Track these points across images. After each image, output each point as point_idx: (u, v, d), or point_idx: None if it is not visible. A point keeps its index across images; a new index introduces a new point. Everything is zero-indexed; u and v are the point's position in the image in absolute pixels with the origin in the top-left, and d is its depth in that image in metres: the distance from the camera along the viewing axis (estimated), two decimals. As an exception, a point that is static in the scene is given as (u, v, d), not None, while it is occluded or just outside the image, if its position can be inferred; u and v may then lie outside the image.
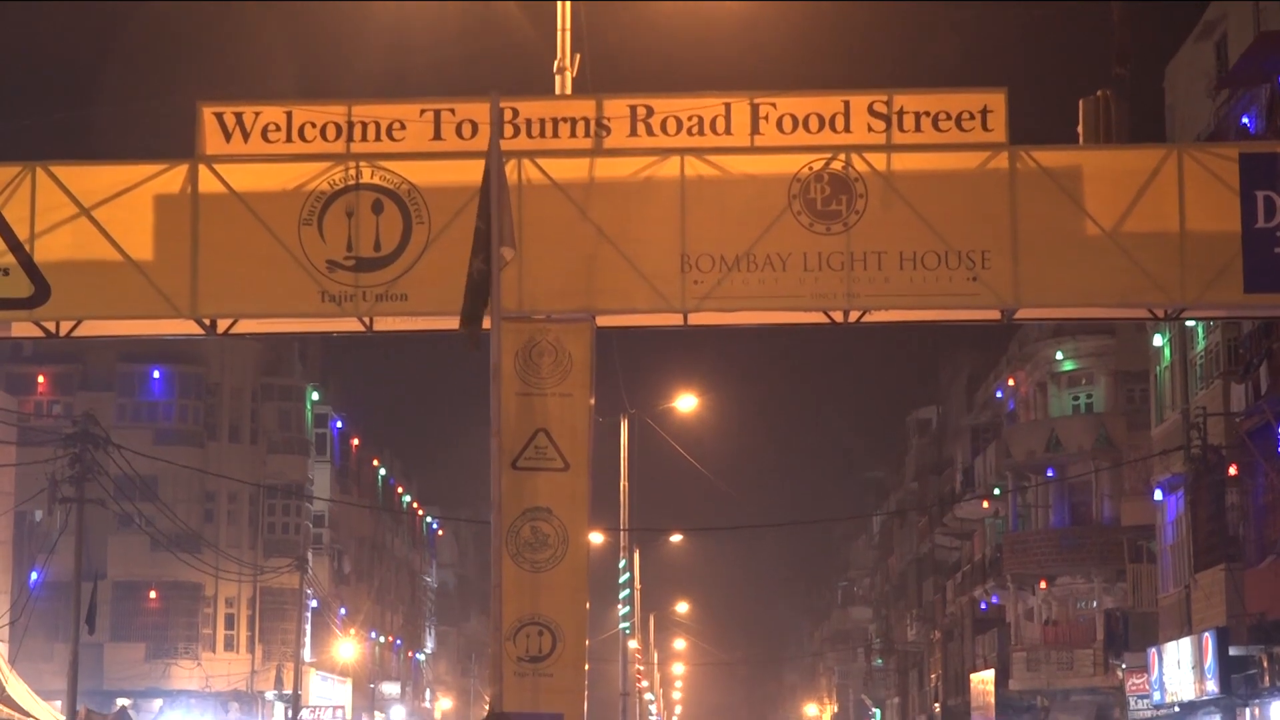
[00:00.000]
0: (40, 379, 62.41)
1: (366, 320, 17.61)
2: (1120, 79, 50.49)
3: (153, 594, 64.14)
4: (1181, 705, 49.71)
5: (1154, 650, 52.11)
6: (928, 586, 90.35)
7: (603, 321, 17.49)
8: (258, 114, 17.63)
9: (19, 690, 49.61)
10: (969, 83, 17.76)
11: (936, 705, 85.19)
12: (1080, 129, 40.87)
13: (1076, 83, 49.71)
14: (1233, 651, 44.73)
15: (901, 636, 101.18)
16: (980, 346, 71.26)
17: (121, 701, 55.53)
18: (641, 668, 69.84)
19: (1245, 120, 42.29)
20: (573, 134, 17.59)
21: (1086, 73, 51.02)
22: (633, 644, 58.86)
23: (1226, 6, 46.12)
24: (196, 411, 66.42)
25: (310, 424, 71.51)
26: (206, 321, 17.83)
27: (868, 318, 17.72)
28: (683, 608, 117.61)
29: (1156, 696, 51.99)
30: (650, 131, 17.56)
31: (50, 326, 18.00)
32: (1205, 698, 47.11)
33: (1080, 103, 45.17)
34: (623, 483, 45.83)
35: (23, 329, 18.46)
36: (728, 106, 17.55)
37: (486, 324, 15.54)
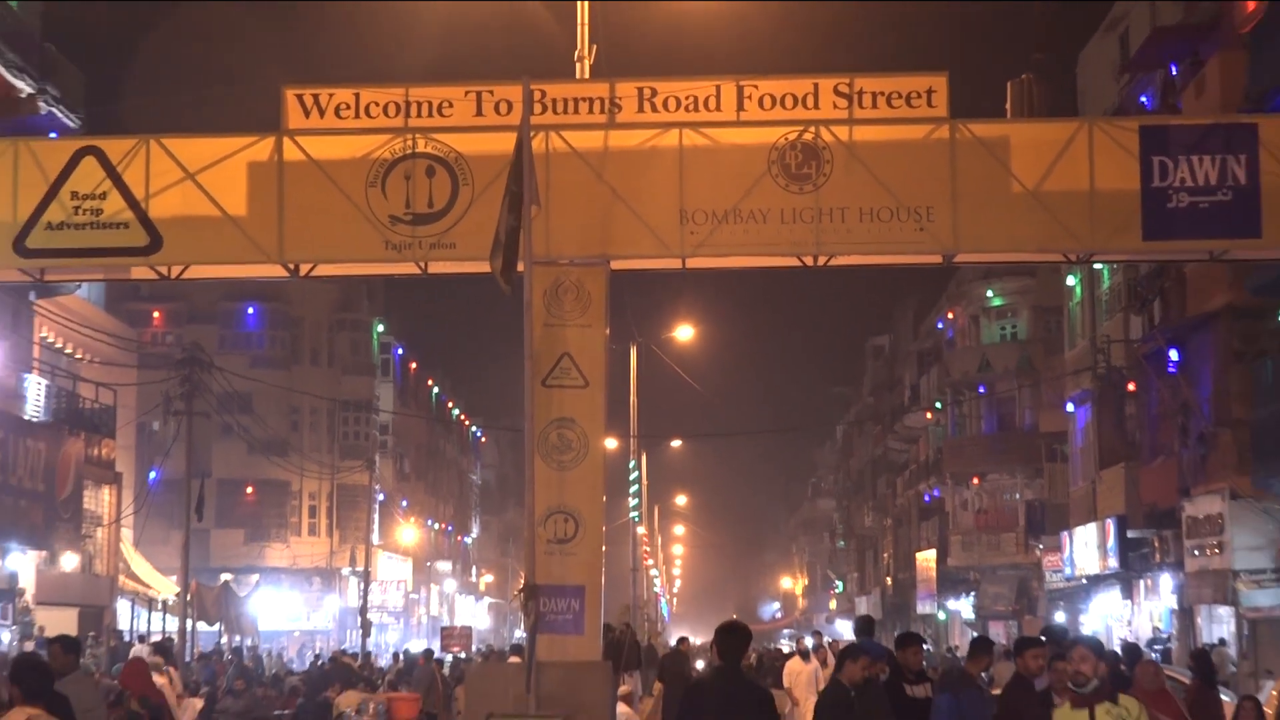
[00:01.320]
0: (155, 314, 62.52)
1: (422, 265, 17.57)
2: (1040, 64, 50.24)
3: (249, 490, 64.50)
4: (1088, 578, 49.84)
5: (1065, 534, 52.23)
6: (881, 483, 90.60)
7: (616, 265, 17.45)
8: (331, 95, 17.60)
9: (142, 567, 49.94)
10: (917, 68, 17.74)
11: (888, 579, 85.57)
12: (1008, 105, 40.64)
13: (1005, 68, 49.49)
14: (1130, 534, 44.85)
15: (860, 523, 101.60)
16: (925, 286, 71.21)
17: (225, 576, 55.66)
18: (647, 549, 69.74)
19: (1143, 99, 42.37)
20: (590, 111, 17.57)
21: (1013, 60, 50.91)
22: (640, 529, 58.78)
23: (1129, 5, 46.16)
24: (283, 341, 66.72)
25: (376, 350, 71.73)
26: (290, 266, 17.79)
27: (833, 262, 17.67)
28: (681, 500, 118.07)
29: (1067, 571, 52.14)
30: (654, 108, 17.52)
31: (163, 271, 17.95)
32: (1107, 572, 47.24)
33: (1008, 84, 44.97)
34: (632, 398, 45.79)
35: (140, 273, 18.44)
36: (718, 88, 17.52)
37: (520, 268, 15.58)
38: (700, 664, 34.68)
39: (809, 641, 29.97)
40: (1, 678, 15.50)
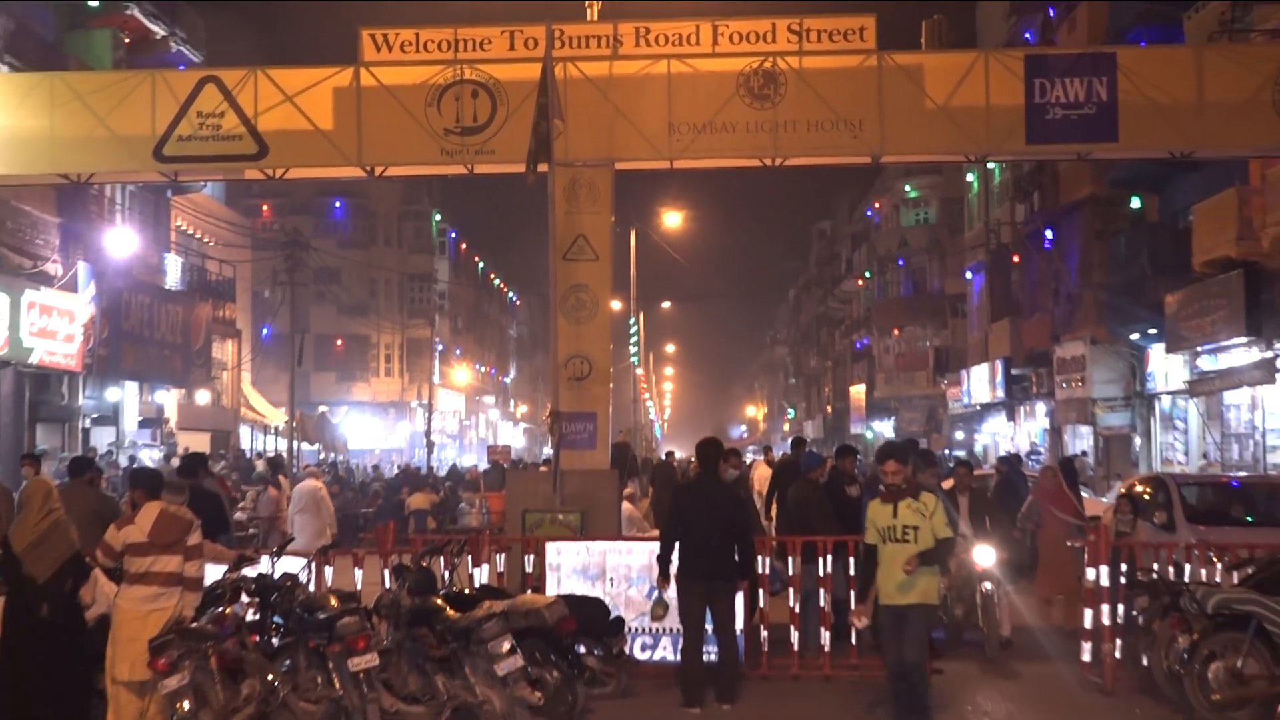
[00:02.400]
0: (264, 207, 62.20)
1: (469, 167, 17.49)
2: (949, 9, 49.30)
3: (339, 342, 64.67)
4: (981, 405, 50.26)
5: (964, 371, 52.50)
6: (823, 334, 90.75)
7: (619, 166, 17.35)
8: (397, 34, 17.44)
9: (258, 401, 50.31)
10: (852, 11, 17.49)
11: (828, 407, 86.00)
12: (923, 40, 39.84)
13: (922, 10, 48.85)
14: (1013, 372, 45.25)
15: (807, 365, 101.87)
16: (858, 181, 70.79)
17: (321, 408, 55.87)
18: (644, 385, 70.14)
19: (1027, 35, 42.23)
20: (598, 46, 17.39)
21: (929, 4, 50.35)
22: (638, 371, 59.02)
23: (1017, -39, 45.75)
24: (362, 227, 66.69)
25: (434, 234, 71.51)
26: (367, 168, 17.70)
27: (787, 163, 17.57)
28: (670, 348, 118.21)
29: (965, 400, 52.53)
30: (648, 44, 17.34)
31: (269, 172, 17.90)
32: (996, 401, 47.60)
33: (923, 24, 44.01)
34: (632, 269, 45.71)
35: (251, 174, 18.37)
36: (697, 27, 17.33)
37: (543, 168, 15.56)
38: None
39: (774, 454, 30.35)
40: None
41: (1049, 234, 40.60)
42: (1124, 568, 13.38)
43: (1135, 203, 35.11)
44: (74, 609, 10.44)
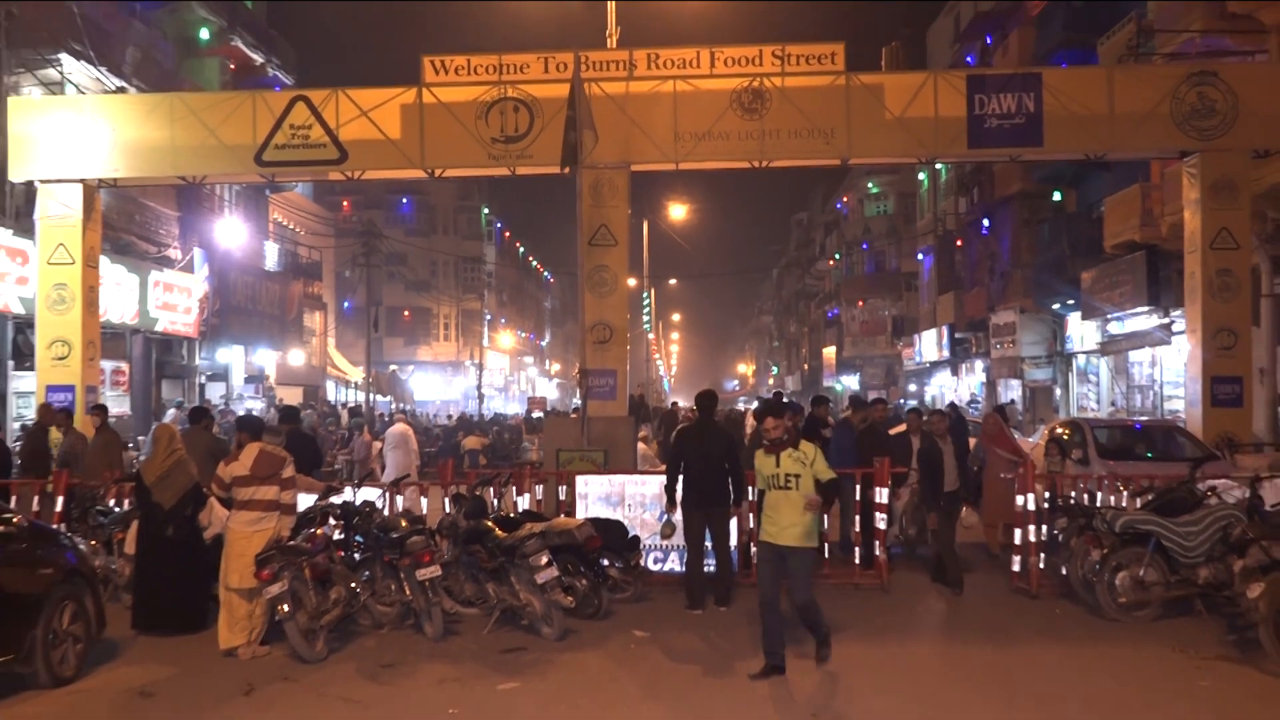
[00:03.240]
0: (344, 202, 62.07)
1: (512, 169, 17.42)
2: (905, 37, 49.10)
3: (406, 313, 64.64)
4: (930, 363, 49.91)
5: (916, 335, 52.30)
6: (801, 305, 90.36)
7: (634, 168, 17.29)
8: (451, 60, 17.33)
9: (341, 361, 50.30)
10: (826, 39, 17.34)
11: (805, 365, 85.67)
12: (883, 63, 39.40)
13: (881, 38, 48.59)
14: (956, 336, 44.89)
15: (788, 331, 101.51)
16: (829, 180, 70.40)
17: (392, 367, 56.07)
18: (655, 348, 70.13)
19: (969, 59, 41.71)
20: (616, 69, 17.28)
21: (888, 33, 49.97)
22: (650, 335, 58.99)
23: (959, 3, 45.46)
24: (424, 219, 66.51)
25: (483, 224, 71.29)
26: (429, 170, 17.66)
27: (771, 165, 17.47)
28: (676, 317, 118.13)
29: (917, 359, 52.29)
30: (657, 67, 17.23)
31: (348, 174, 17.85)
32: (942, 359, 47.37)
33: (883, 49, 43.52)
34: (644, 253, 45.66)
35: (334, 176, 18.36)
36: (698, 53, 17.21)
37: (569, 169, 15.49)
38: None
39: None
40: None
41: (986, 222, 40.48)
42: (1047, 495, 13.40)
43: (1057, 196, 34.96)
44: (194, 530, 10.52)
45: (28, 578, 8.78)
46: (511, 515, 12.00)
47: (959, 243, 44.74)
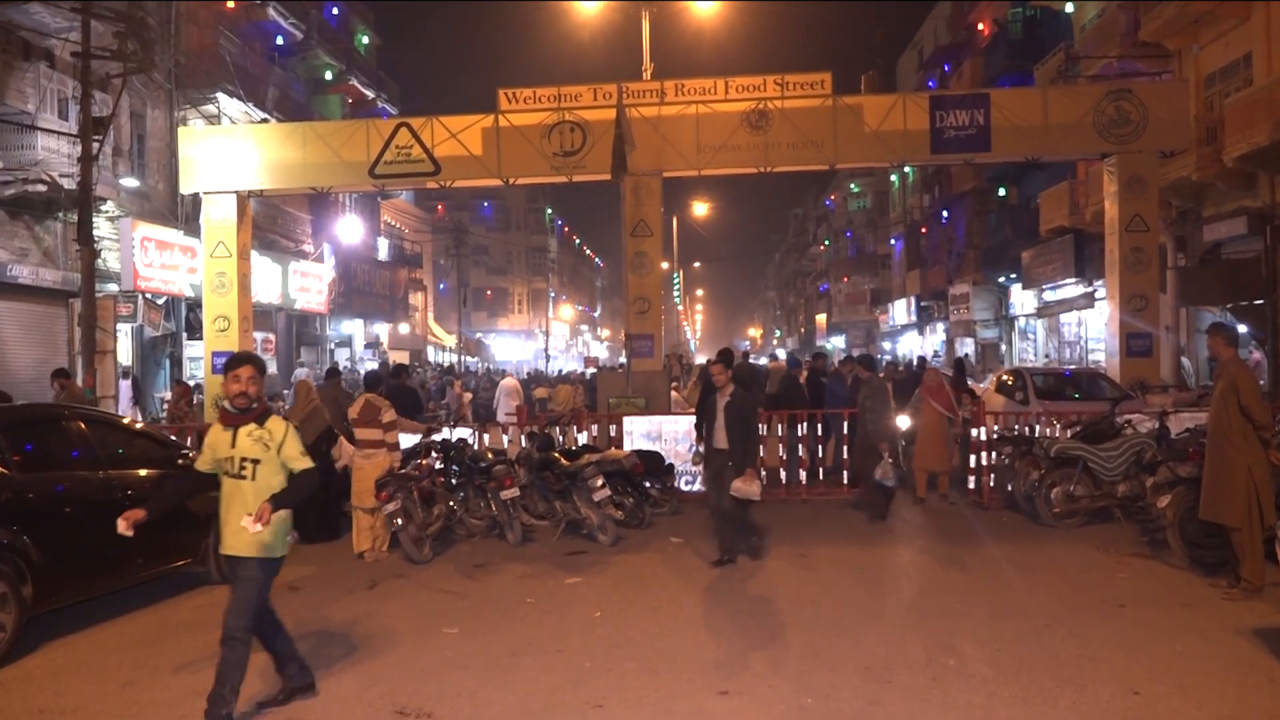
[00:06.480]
0: (439, 206, 62.01)
1: (570, 177, 17.31)
2: (879, 66, 48.15)
3: (489, 292, 64.60)
4: (901, 326, 49.44)
5: (890, 304, 51.76)
6: (799, 281, 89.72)
7: (666, 175, 17.14)
8: (520, 92, 17.21)
9: (438, 330, 50.48)
10: (817, 68, 17.08)
11: (802, 329, 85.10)
12: (863, 87, 38.59)
13: (860, 66, 47.85)
14: (921, 304, 44.40)
15: (788, 302, 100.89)
16: (819, 182, 69.70)
17: (478, 334, 56.22)
18: (684, 316, 70.00)
19: (931, 84, 41.05)
20: (651, 96, 17.09)
21: (865, 63, 49.22)
22: (679, 307, 58.84)
23: (922, 35, 44.53)
24: (501, 219, 66.14)
25: (548, 222, 71.06)
26: (505, 180, 17.58)
27: (774, 170, 17.25)
28: (700, 292, 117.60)
29: (891, 323, 51.81)
30: (683, 94, 17.02)
31: (442, 184, 17.78)
32: (910, 323, 46.90)
33: (862, 76, 42.65)
34: (674, 242, 45.45)
35: (430, 185, 18.15)
36: (715, 83, 16.99)
37: (609, 177, 15.37)
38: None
39: (780, 353, 30.20)
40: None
41: (945, 213, 40.01)
42: (996, 428, 13.25)
43: (1002, 191, 34.47)
44: (329, 462, 10.61)
45: (201, 500, 8.88)
46: (573, 448, 12.03)
47: (924, 230, 44.26)
